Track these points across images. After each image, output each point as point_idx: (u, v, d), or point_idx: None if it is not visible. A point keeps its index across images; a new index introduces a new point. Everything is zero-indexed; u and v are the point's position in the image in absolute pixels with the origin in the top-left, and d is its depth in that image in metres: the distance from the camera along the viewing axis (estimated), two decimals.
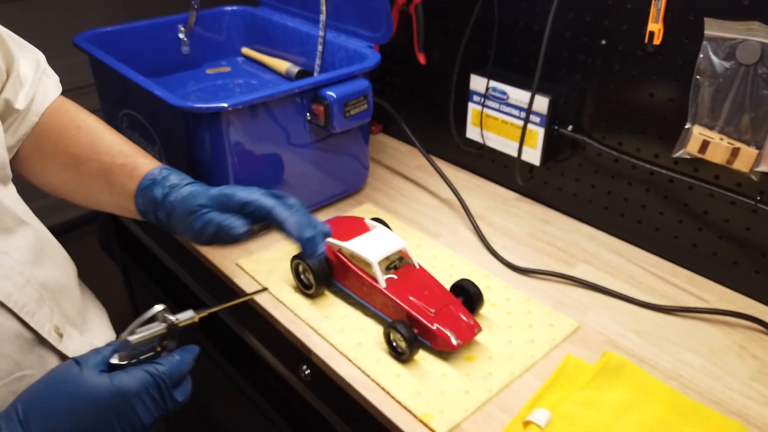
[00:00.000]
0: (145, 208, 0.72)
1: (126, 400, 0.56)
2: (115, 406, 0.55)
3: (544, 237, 1.04)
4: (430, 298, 0.80)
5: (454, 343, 0.75)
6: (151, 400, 0.57)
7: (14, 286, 0.61)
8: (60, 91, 0.79)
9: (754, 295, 0.90)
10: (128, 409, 0.56)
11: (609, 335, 0.84)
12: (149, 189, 0.71)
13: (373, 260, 0.81)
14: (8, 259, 0.62)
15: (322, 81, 0.94)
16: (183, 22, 1.24)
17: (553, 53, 0.99)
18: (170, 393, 0.59)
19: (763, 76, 0.78)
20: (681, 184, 0.92)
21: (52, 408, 0.54)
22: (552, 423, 0.68)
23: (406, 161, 1.27)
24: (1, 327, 0.60)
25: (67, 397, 0.55)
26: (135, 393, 0.56)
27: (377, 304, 0.83)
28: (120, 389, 0.56)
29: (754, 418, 0.73)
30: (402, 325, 0.76)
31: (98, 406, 0.55)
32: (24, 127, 0.75)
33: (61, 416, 0.54)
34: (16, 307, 0.61)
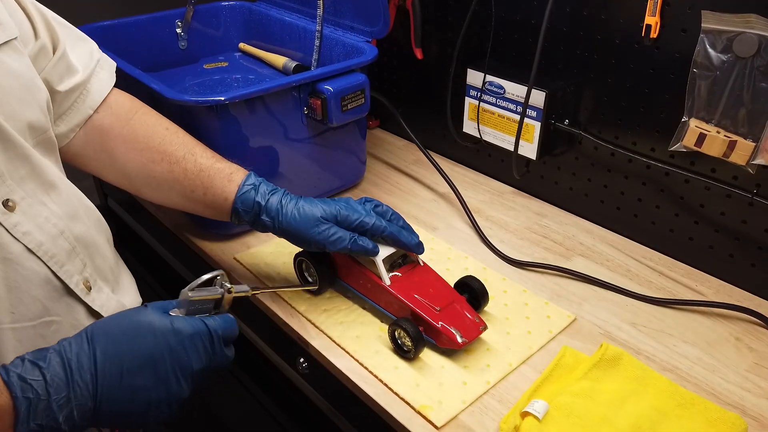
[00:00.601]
0: (243, 211, 0.79)
1: (180, 338, 0.62)
2: (169, 342, 0.61)
3: (541, 230, 1.04)
4: (435, 295, 0.79)
5: (459, 341, 0.75)
6: (202, 346, 0.63)
7: (46, 236, 0.65)
8: (114, 81, 0.83)
9: (750, 287, 0.91)
10: (180, 347, 0.62)
11: (605, 327, 0.84)
12: (250, 194, 0.79)
13: (377, 258, 0.80)
14: (44, 210, 0.66)
15: (319, 75, 0.94)
16: (180, 17, 1.24)
17: (550, 47, 1.00)
18: (221, 346, 0.65)
19: (760, 68, 0.78)
20: (677, 177, 0.92)
21: (116, 331, 0.61)
22: (549, 414, 0.68)
23: (403, 156, 1.27)
24: (32, 272, 0.64)
25: (130, 325, 0.61)
26: (189, 335, 0.62)
27: (381, 301, 0.82)
28: (177, 328, 0.62)
29: (750, 409, 0.73)
30: (407, 323, 0.76)
31: (155, 337, 0.61)
32: (77, 117, 0.78)
33: (122, 339, 0.60)
34: (45, 256, 0.65)
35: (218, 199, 0.80)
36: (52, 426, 0.56)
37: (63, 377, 0.57)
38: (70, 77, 0.77)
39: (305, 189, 1.03)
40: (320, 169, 1.05)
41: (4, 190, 0.62)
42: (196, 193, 0.81)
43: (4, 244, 0.62)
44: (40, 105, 0.69)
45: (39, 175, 0.66)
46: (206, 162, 0.81)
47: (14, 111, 0.64)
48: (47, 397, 0.55)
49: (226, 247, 0.98)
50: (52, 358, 0.57)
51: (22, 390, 0.55)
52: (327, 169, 1.06)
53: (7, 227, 0.62)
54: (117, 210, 1.36)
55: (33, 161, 0.66)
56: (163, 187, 0.82)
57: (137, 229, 1.29)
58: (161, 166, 0.81)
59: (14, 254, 0.62)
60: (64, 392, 0.56)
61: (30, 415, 0.54)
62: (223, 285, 0.68)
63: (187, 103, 0.87)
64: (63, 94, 0.76)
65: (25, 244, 0.63)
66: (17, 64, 0.67)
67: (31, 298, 0.64)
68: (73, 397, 0.57)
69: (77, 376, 0.57)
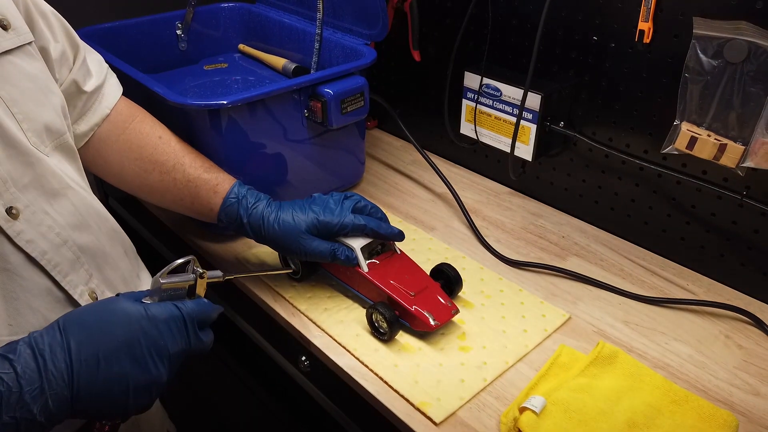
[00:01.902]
0: (228, 222, 0.85)
1: (154, 324, 0.62)
2: (143, 326, 0.61)
3: (536, 230, 1.06)
4: (410, 281, 0.83)
5: (432, 324, 0.79)
6: (177, 330, 0.63)
7: (50, 245, 0.65)
8: (121, 89, 0.87)
9: (739, 286, 0.93)
10: (155, 331, 0.62)
11: (599, 326, 0.86)
12: (234, 207, 0.83)
13: (356, 246, 0.84)
14: (48, 219, 0.66)
15: (319, 78, 0.96)
16: (180, 19, 1.25)
17: (546, 51, 1.02)
18: (195, 329, 0.65)
19: (750, 74, 0.80)
20: (669, 179, 0.94)
21: (89, 320, 0.60)
22: (547, 409, 0.70)
23: (401, 156, 1.29)
24: (32, 282, 0.64)
25: (103, 314, 0.61)
26: (163, 320, 0.63)
27: (360, 288, 0.87)
28: (150, 314, 0.62)
29: (738, 405, 0.75)
30: (384, 307, 0.80)
31: (130, 323, 0.61)
32: (96, 116, 0.82)
33: (96, 327, 0.60)
34: (49, 265, 0.65)
35: (204, 209, 0.86)
36: (27, 418, 0.55)
37: (35, 368, 0.56)
38: (90, 79, 0.82)
39: (305, 189, 1.05)
40: (320, 170, 1.07)
41: (8, 197, 0.62)
42: (185, 201, 0.86)
43: (3, 254, 0.61)
44: (55, 108, 0.70)
45: (43, 184, 0.66)
46: (194, 173, 0.85)
47: (31, 112, 0.66)
48: (19, 390, 0.54)
49: (227, 246, 1.00)
50: (22, 350, 0.56)
51: None
52: (326, 170, 1.08)
53: (11, 235, 0.62)
54: (117, 209, 1.37)
55: (39, 169, 0.66)
56: (155, 194, 0.88)
57: (138, 228, 1.30)
58: (153, 175, 0.86)
59: (13, 264, 0.62)
60: (37, 383, 0.55)
61: (2, 407, 0.53)
62: (195, 270, 0.68)
63: (190, 107, 0.89)
64: (88, 95, 0.81)
65: (29, 253, 0.63)
66: (32, 67, 0.69)
67: (31, 310, 0.64)
68: (48, 388, 0.56)
69: (51, 365, 0.56)
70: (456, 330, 0.83)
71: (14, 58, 0.66)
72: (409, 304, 0.80)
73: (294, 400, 1.06)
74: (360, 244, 0.84)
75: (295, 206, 0.84)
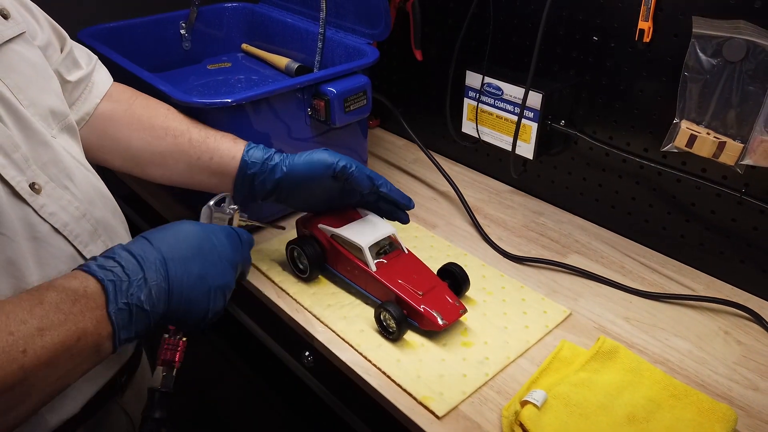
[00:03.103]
0: (252, 162, 0.86)
1: (217, 235, 0.72)
2: (211, 237, 0.71)
3: (538, 228, 1.07)
4: (418, 281, 0.84)
5: (440, 323, 0.80)
6: (234, 241, 0.74)
7: (70, 217, 0.69)
8: (112, 79, 0.89)
9: (739, 283, 0.94)
10: (219, 241, 0.71)
11: (600, 322, 0.87)
12: (257, 149, 0.87)
13: (364, 245, 0.84)
14: (67, 194, 0.69)
15: (322, 77, 0.97)
16: (184, 19, 1.26)
17: (547, 50, 1.02)
18: (245, 245, 0.76)
19: (749, 72, 0.81)
20: (669, 177, 0.95)
21: (167, 233, 0.69)
22: (548, 402, 0.71)
23: (403, 155, 1.30)
24: (59, 249, 0.67)
25: (176, 229, 0.70)
26: (223, 233, 0.73)
27: (368, 287, 0.87)
28: (213, 228, 0.72)
29: (738, 400, 0.76)
30: (392, 306, 0.80)
31: (199, 235, 0.70)
32: (86, 106, 0.84)
33: (173, 238, 0.68)
34: (71, 236, 0.68)
35: (225, 160, 0.86)
36: (137, 305, 0.61)
37: (136, 263, 0.63)
38: (77, 70, 0.83)
39: None
40: None
41: (30, 173, 0.65)
42: (203, 159, 0.86)
43: (33, 223, 0.65)
44: (56, 92, 0.73)
45: (60, 161, 0.69)
46: (210, 131, 0.88)
47: (36, 97, 0.68)
48: (127, 279, 0.61)
49: None
50: (120, 252, 0.64)
51: (105, 275, 0.61)
52: None
53: (35, 208, 0.65)
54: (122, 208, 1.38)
55: (54, 148, 0.69)
56: (168, 162, 0.87)
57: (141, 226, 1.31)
58: (166, 140, 0.86)
59: (42, 233, 0.65)
60: (140, 274, 0.62)
61: (117, 294, 0.60)
62: (231, 207, 0.81)
63: (196, 105, 0.89)
64: (73, 84, 0.82)
65: (52, 224, 0.66)
66: (32, 54, 0.71)
67: (59, 274, 0.66)
68: (149, 278, 0.63)
69: (149, 262, 0.64)
70: (458, 326, 0.84)
71: (16, 46, 0.69)
72: (417, 303, 0.81)
73: (297, 396, 1.07)
74: (368, 243, 0.84)
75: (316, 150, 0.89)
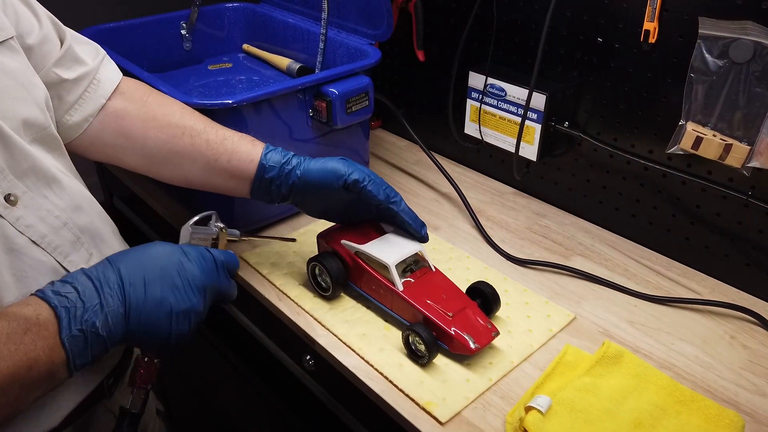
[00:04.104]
0: (270, 166, 0.83)
1: (188, 258, 0.69)
2: (180, 260, 0.68)
3: (541, 230, 1.06)
4: (447, 301, 0.79)
5: (472, 347, 0.75)
6: (206, 265, 0.70)
7: (49, 228, 0.67)
8: (121, 74, 0.85)
9: (744, 287, 0.93)
10: (189, 264, 0.69)
11: (604, 325, 0.86)
12: (276, 152, 0.84)
13: (390, 263, 0.80)
14: (47, 203, 0.68)
15: (324, 78, 0.96)
16: (185, 19, 1.25)
17: (551, 51, 1.02)
18: (224, 271, 0.73)
19: (755, 74, 0.80)
20: (674, 179, 0.94)
21: (132, 254, 0.67)
22: (552, 408, 0.70)
23: (405, 156, 1.29)
24: (38, 261, 0.66)
25: (144, 250, 0.68)
26: (195, 255, 0.70)
27: (394, 307, 0.82)
28: (184, 249, 0.70)
29: (744, 405, 0.75)
30: (422, 329, 0.76)
31: (167, 255, 0.68)
32: (90, 106, 0.80)
33: (138, 258, 0.67)
34: (49, 248, 0.67)
35: (243, 163, 0.84)
36: (91, 331, 0.60)
37: (92, 288, 0.62)
38: (78, 66, 0.79)
39: None
40: None
41: (5, 185, 0.64)
42: (220, 161, 0.83)
43: (9, 236, 0.63)
44: (37, 102, 0.70)
45: (41, 170, 0.68)
46: (227, 132, 0.85)
47: (9, 109, 0.66)
48: (82, 305, 0.60)
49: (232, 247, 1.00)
50: (78, 276, 0.63)
51: (59, 301, 0.60)
52: None
53: (10, 221, 0.64)
54: (122, 208, 1.38)
55: (34, 157, 0.67)
56: (184, 162, 0.84)
57: (143, 228, 1.30)
58: (183, 140, 0.83)
59: (19, 245, 0.64)
60: (96, 300, 0.61)
61: (71, 321, 0.59)
62: (216, 225, 0.75)
63: (197, 106, 0.88)
64: (72, 83, 0.78)
65: (29, 237, 0.65)
66: (13, 62, 0.68)
67: (39, 287, 0.64)
68: (105, 304, 0.61)
69: (106, 286, 0.62)
70: None
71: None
72: (448, 325, 0.76)
73: (298, 400, 1.06)
74: (394, 261, 0.81)
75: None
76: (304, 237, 1.00)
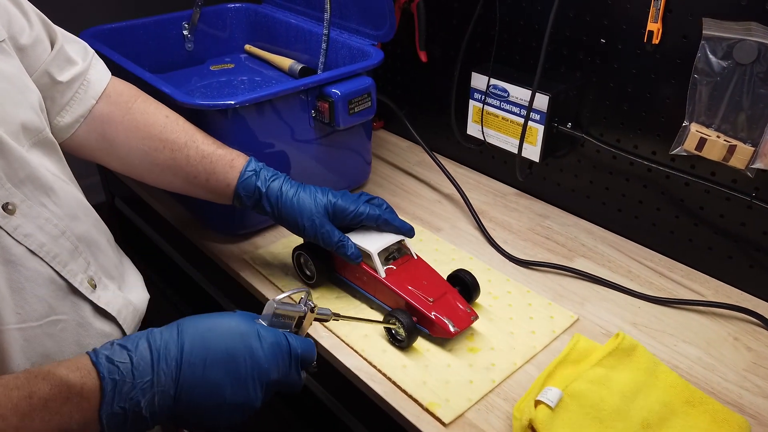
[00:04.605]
0: (245, 196, 0.83)
1: (262, 345, 0.63)
2: (252, 345, 0.63)
3: (543, 231, 1.06)
4: (428, 287, 0.82)
5: (451, 330, 0.78)
6: (281, 358, 0.64)
7: (48, 236, 0.66)
8: (110, 75, 0.84)
9: (748, 288, 0.92)
10: (261, 353, 0.63)
11: (607, 327, 0.86)
12: (251, 180, 0.83)
13: (373, 251, 0.83)
14: (45, 212, 0.66)
15: (327, 79, 0.96)
16: (187, 19, 1.25)
17: (554, 51, 1.01)
18: (297, 365, 0.66)
19: (760, 75, 0.80)
20: (678, 180, 0.94)
21: (204, 326, 0.63)
22: (563, 401, 0.69)
23: (407, 157, 1.29)
24: (35, 272, 0.64)
25: (219, 323, 0.64)
26: (270, 343, 0.64)
27: (377, 293, 0.85)
28: (261, 334, 0.64)
29: (748, 408, 0.75)
30: (401, 314, 0.79)
31: (241, 337, 0.63)
32: (81, 107, 0.79)
33: (210, 333, 0.62)
34: (48, 257, 0.65)
35: (220, 185, 0.83)
36: (134, 410, 0.57)
37: (149, 361, 0.59)
38: (70, 68, 0.78)
39: None
40: (326, 170, 1.07)
41: (3, 193, 0.62)
42: (199, 179, 0.83)
43: (6, 246, 0.62)
44: (32, 106, 0.69)
45: (38, 178, 0.66)
46: (208, 149, 0.83)
47: (7, 114, 0.64)
48: (132, 380, 0.57)
49: (233, 247, 1.00)
50: (140, 343, 0.60)
51: (108, 371, 0.57)
52: (333, 170, 1.08)
53: (8, 230, 0.62)
54: (123, 209, 1.38)
55: (31, 164, 0.66)
56: (166, 174, 0.84)
57: (144, 228, 1.30)
58: (163, 153, 0.83)
59: (16, 256, 0.63)
60: (148, 377, 0.58)
61: (115, 397, 0.56)
62: (307, 303, 0.69)
63: (198, 107, 0.88)
64: (65, 85, 0.77)
65: (27, 246, 0.64)
66: (6, 66, 0.67)
67: (36, 298, 0.64)
68: (156, 383, 0.58)
69: (163, 362, 0.59)
70: (465, 331, 0.83)
71: None
72: (428, 310, 0.79)
73: (301, 401, 1.06)
74: (377, 249, 0.83)
75: (315, 188, 0.84)
76: None
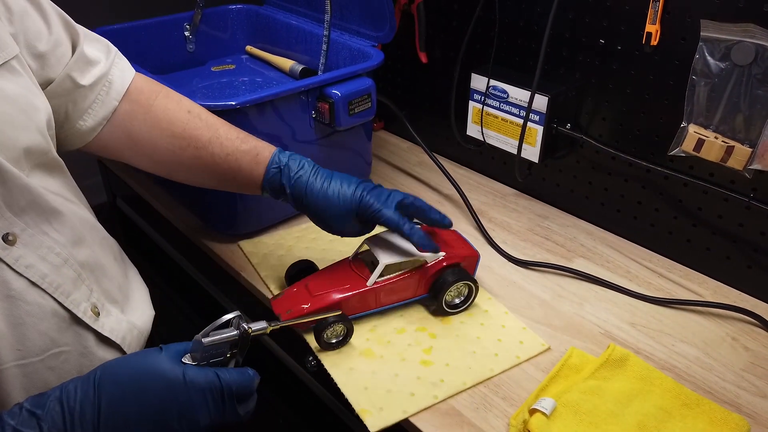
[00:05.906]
0: (271, 192, 0.83)
1: (190, 393, 0.59)
2: (179, 396, 0.58)
3: (543, 232, 1.06)
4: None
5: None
6: (212, 401, 0.60)
7: (50, 267, 0.64)
8: (134, 72, 0.81)
9: (746, 288, 0.93)
10: (189, 403, 0.59)
11: (605, 327, 0.86)
12: (277, 177, 0.81)
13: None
14: (47, 240, 0.64)
15: (327, 79, 0.96)
16: (188, 21, 1.26)
17: (553, 53, 1.02)
18: (232, 403, 0.61)
19: (757, 76, 0.80)
20: (676, 181, 0.94)
21: (125, 379, 0.58)
22: (557, 411, 0.70)
23: (407, 158, 1.29)
24: (36, 306, 0.62)
25: (141, 373, 0.59)
26: (200, 389, 0.59)
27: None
28: (189, 380, 0.59)
29: (745, 407, 0.75)
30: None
31: (166, 389, 0.58)
32: (103, 110, 0.76)
33: (131, 389, 0.58)
34: (50, 288, 0.63)
35: (247, 181, 0.83)
36: None
37: (61, 428, 0.54)
38: (92, 69, 0.75)
39: None
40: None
41: (3, 224, 0.60)
42: (226, 177, 0.82)
43: (6, 280, 0.60)
44: (38, 127, 0.66)
45: (40, 204, 0.64)
46: (231, 145, 0.81)
47: (8, 139, 0.61)
48: None
49: (234, 247, 1.00)
50: (52, 406, 0.55)
51: None
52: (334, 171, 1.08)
53: (9, 262, 0.60)
54: (125, 209, 1.38)
55: (32, 190, 0.63)
56: (193, 172, 0.83)
57: (146, 229, 1.30)
58: (188, 152, 0.80)
59: (17, 290, 0.60)
60: None
61: None
62: (239, 326, 0.64)
63: None
64: (88, 88, 0.75)
65: (29, 278, 0.61)
66: (13, 86, 0.63)
67: (37, 333, 0.62)
68: None
69: (78, 428, 0.55)
70: (423, 343, 0.82)
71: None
72: None
73: (301, 400, 1.06)
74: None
75: (344, 180, 0.83)
76: (305, 233, 1.02)
